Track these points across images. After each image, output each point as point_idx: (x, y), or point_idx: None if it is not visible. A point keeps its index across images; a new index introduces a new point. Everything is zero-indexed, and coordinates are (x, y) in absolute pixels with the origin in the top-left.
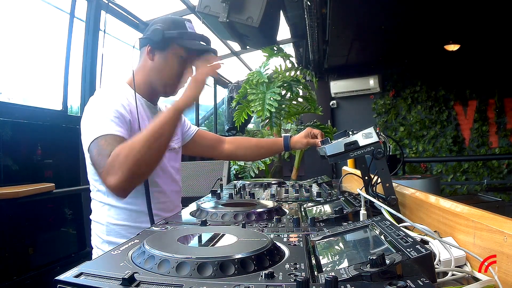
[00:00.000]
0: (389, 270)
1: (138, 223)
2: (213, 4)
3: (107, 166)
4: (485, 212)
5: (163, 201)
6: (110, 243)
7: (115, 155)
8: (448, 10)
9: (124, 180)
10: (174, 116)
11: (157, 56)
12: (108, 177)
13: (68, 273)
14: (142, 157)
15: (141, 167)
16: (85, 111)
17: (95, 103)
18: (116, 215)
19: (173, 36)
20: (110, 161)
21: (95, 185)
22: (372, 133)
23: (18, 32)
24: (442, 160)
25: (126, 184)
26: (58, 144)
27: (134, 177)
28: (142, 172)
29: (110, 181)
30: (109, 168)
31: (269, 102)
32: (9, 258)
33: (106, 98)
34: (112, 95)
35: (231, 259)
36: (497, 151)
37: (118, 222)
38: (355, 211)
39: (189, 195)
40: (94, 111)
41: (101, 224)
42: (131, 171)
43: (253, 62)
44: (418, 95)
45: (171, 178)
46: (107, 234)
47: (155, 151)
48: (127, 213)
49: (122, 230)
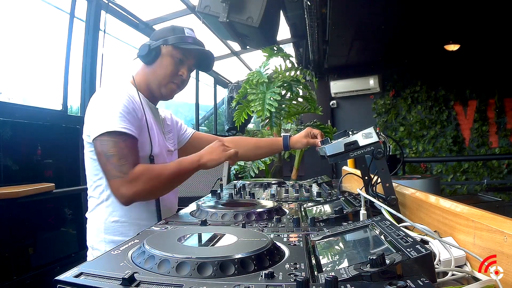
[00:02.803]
0: (389, 270)
1: (138, 220)
2: (213, 4)
3: (132, 176)
4: (485, 212)
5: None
6: (108, 241)
7: (144, 170)
8: (448, 10)
9: (140, 196)
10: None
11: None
12: (128, 186)
13: (68, 273)
14: (162, 186)
15: (156, 193)
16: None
17: (105, 96)
18: (116, 212)
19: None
20: (137, 174)
21: (95, 180)
22: (372, 133)
23: (18, 32)
24: (442, 160)
25: (138, 199)
26: (58, 144)
27: (146, 197)
28: (153, 196)
29: (129, 190)
30: (133, 179)
31: (269, 102)
32: (9, 258)
33: (116, 92)
34: (121, 90)
35: (231, 259)
36: (497, 151)
37: (117, 219)
38: (355, 211)
39: (189, 195)
40: (106, 103)
41: (99, 222)
42: (149, 192)
43: (253, 62)
44: (418, 95)
45: None
46: (105, 232)
47: (170, 187)
48: (126, 210)
49: (121, 227)
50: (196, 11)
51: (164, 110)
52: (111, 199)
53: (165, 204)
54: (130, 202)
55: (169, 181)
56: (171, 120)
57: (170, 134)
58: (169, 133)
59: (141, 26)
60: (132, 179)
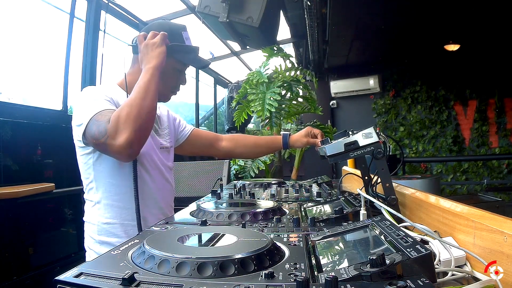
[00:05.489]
0: (389, 270)
1: (128, 221)
2: (213, 4)
3: (111, 129)
4: (485, 212)
5: (154, 197)
6: (102, 242)
7: (115, 117)
8: (448, 10)
9: (133, 135)
10: (152, 75)
11: None
12: (115, 138)
13: (68, 273)
14: (141, 111)
15: (144, 121)
16: (75, 103)
17: (84, 93)
18: (107, 214)
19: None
20: (112, 124)
21: (86, 183)
22: (372, 133)
23: (18, 32)
24: (442, 160)
25: (135, 140)
26: (58, 144)
27: (141, 130)
28: (146, 125)
29: (120, 141)
30: (113, 130)
31: (269, 102)
32: (9, 258)
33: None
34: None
35: (231, 259)
36: (497, 151)
37: (108, 220)
38: (355, 211)
39: (189, 195)
40: (84, 97)
41: (92, 224)
42: (138, 124)
43: (253, 62)
44: (418, 95)
45: (161, 175)
46: (98, 234)
47: (149, 104)
48: (116, 211)
49: (112, 228)
50: (196, 11)
51: (159, 107)
52: (102, 201)
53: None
54: (134, 147)
55: (141, 97)
56: (167, 116)
57: (165, 131)
58: (164, 130)
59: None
60: (114, 129)
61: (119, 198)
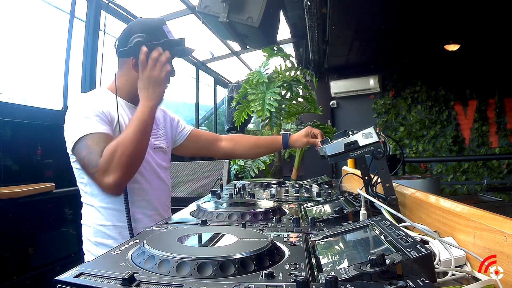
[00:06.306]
0: (389, 270)
1: (122, 222)
2: (213, 4)
3: (103, 166)
4: (485, 212)
5: (147, 198)
6: (98, 244)
7: (109, 153)
8: (448, 10)
9: (123, 177)
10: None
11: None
12: (106, 176)
13: (68, 273)
14: (134, 153)
15: (135, 163)
16: (66, 115)
17: (75, 106)
18: (101, 216)
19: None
20: (105, 160)
21: (81, 187)
22: (372, 133)
23: (18, 32)
24: (442, 160)
25: (124, 182)
26: (58, 144)
27: (130, 173)
28: (135, 168)
29: (109, 180)
30: (105, 167)
31: (269, 102)
32: (9, 258)
33: (85, 99)
34: (91, 97)
35: (231, 259)
36: (497, 151)
37: (103, 222)
38: (355, 211)
39: (189, 195)
40: (75, 113)
41: (88, 226)
42: (128, 167)
43: (253, 62)
44: (418, 95)
45: (156, 175)
46: (94, 236)
47: (143, 145)
48: (110, 214)
49: (107, 230)
50: (196, 11)
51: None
52: (96, 204)
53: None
54: (120, 188)
55: (136, 140)
56: (163, 117)
57: (161, 131)
58: (159, 130)
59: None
60: (106, 167)
61: (111, 200)
